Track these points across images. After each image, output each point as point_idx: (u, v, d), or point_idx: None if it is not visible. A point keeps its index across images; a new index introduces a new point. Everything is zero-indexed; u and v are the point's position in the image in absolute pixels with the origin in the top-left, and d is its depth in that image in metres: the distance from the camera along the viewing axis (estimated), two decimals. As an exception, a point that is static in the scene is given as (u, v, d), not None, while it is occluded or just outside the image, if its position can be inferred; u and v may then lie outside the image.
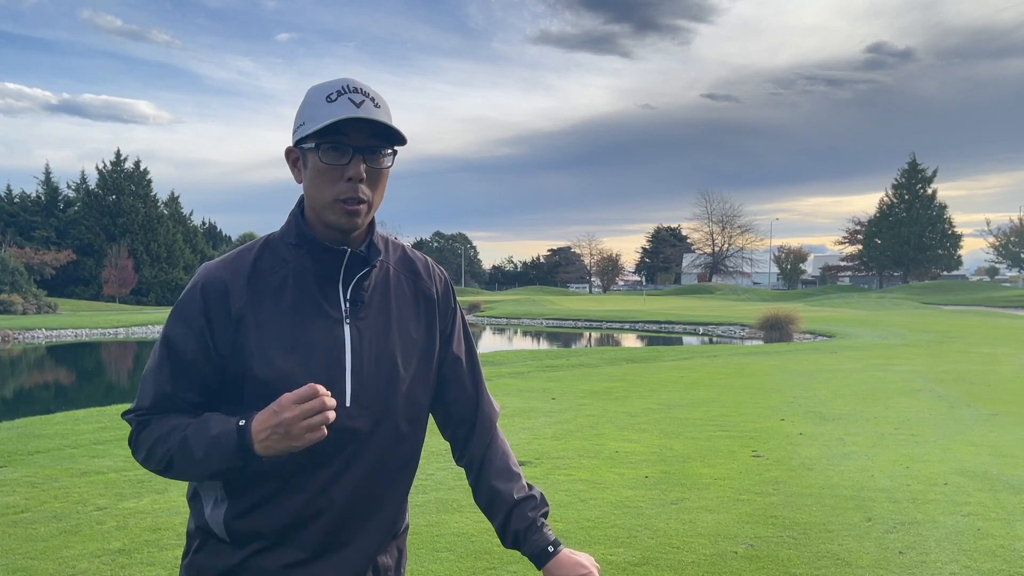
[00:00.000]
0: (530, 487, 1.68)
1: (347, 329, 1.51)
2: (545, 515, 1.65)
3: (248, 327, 1.47)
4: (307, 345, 1.48)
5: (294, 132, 1.51)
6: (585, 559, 1.60)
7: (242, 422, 1.39)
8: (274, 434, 1.36)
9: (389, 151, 1.50)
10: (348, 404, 1.49)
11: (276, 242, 1.56)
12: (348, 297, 1.53)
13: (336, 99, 1.44)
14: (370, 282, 1.56)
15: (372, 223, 1.57)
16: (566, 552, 1.60)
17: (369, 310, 1.55)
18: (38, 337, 30.20)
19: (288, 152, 1.54)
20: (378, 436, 1.53)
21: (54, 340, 30.07)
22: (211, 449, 1.40)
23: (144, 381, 1.51)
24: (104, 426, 8.08)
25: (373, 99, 1.47)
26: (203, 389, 1.50)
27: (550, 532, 1.63)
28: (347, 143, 1.44)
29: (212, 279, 1.50)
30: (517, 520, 1.62)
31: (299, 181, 1.53)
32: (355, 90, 1.46)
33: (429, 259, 1.72)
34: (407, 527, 1.71)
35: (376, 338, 1.54)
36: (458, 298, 1.77)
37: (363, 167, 1.46)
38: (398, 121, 1.49)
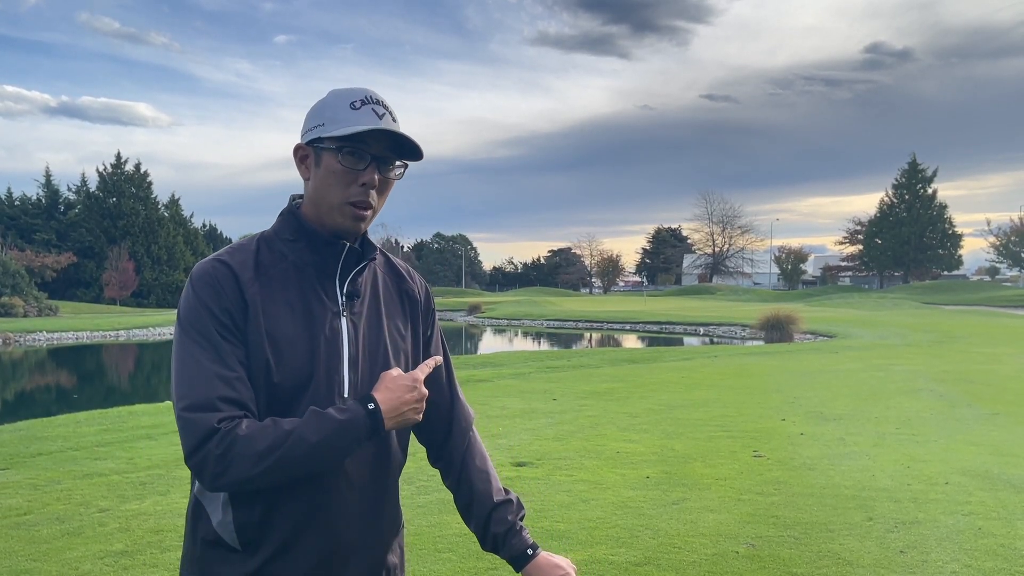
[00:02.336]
0: (507, 491, 1.72)
1: (344, 322, 1.55)
2: (522, 518, 1.70)
3: (257, 315, 1.48)
4: (309, 336, 1.51)
5: (308, 130, 1.53)
6: (563, 561, 1.64)
7: (371, 405, 1.45)
8: (410, 410, 1.49)
9: (401, 164, 1.56)
10: (346, 395, 1.51)
11: (271, 239, 1.58)
12: (344, 291, 1.57)
13: (360, 107, 1.49)
14: (363, 278, 1.61)
15: None
16: (544, 555, 1.65)
17: (363, 305, 1.59)
18: (39, 340, 30.22)
19: (297, 149, 1.57)
20: None
21: (55, 343, 30.09)
22: (341, 434, 1.42)
23: (186, 383, 1.42)
24: (106, 428, 8.09)
25: (391, 113, 1.53)
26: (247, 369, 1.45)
27: (528, 535, 1.67)
28: (366, 151, 1.50)
29: (220, 264, 1.50)
30: (496, 523, 1.66)
31: (306, 178, 1.56)
32: (377, 102, 1.52)
33: (408, 266, 1.78)
34: (404, 525, 1.74)
35: (369, 332, 1.58)
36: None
37: (377, 176, 1.51)
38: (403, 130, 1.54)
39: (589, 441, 7.43)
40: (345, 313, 1.55)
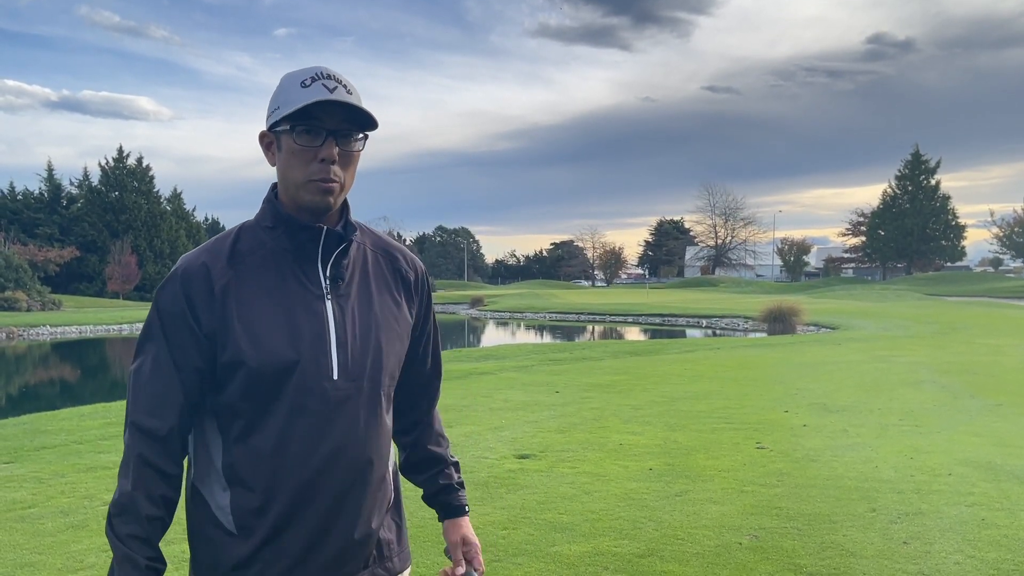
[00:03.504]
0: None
1: (329, 305, 1.56)
2: (462, 483, 1.89)
3: (231, 304, 1.50)
4: (291, 321, 1.52)
5: (268, 117, 1.56)
6: (476, 540, 1.84)
7: None
8: None
9: (361, 135, 1.55)
10: (336, 377, 1.53)
11: (252, 227, 1.60)
12: (328, 274, 1.57)
13: (310, 85, 1.49)
14: (348, 260, 1.60)
15: (346, 204, 1.62)
16: (468, 520, 1.86)
17: (350, 287, 1.60)
18: (43, 334, 30.27)
19: (262, 136, 1.59)
20: (364, 409, 1.57)
21: (59, 337, 30.14)
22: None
23: (135, 383, 1.56)
24: (110, 421, 8.11)
25: (345, 86, 1.52)
26: (194, 381, 1.53)
27: (465, 496, 1.88)
28: (321, 126, 1.49)
29: (191, 263, 1.54)
30: (447, 478, 1.84)
31: (273, 164, 1.58)
32: (328, 76, 1.51)
33: (404, 247, 1.78)
34: (398, 499, 1.75)
35: (358, 313, 1.58)
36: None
37: (336, 149, 1.51)
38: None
39: (592, 433, 7.43)
40: (330, 296, 1.56)
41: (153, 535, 1.50)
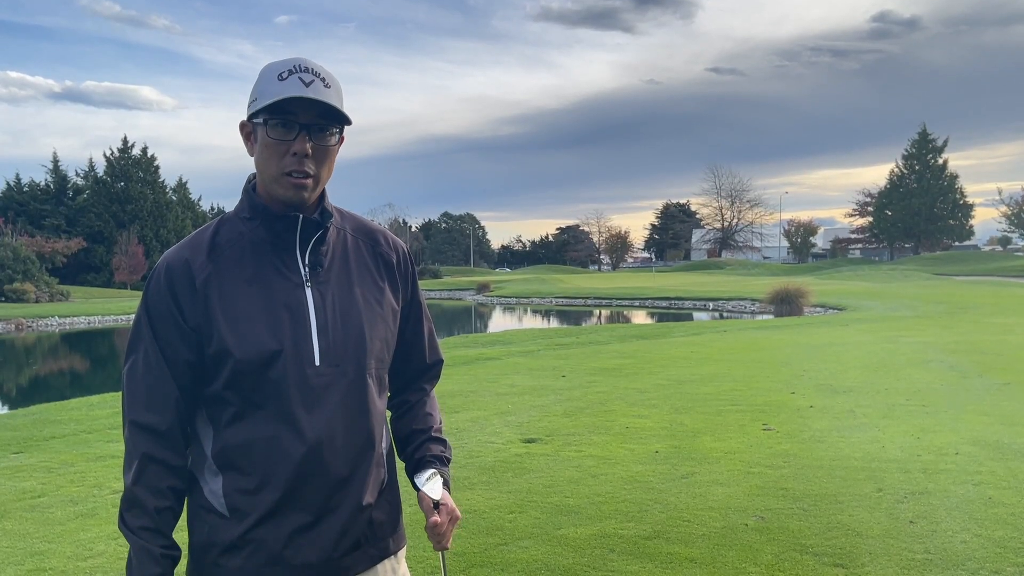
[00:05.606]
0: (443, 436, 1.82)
1: (309, 292, 1.57)
2: (448, 460, 1.77)
3: (213, 297, 1.53)
4: (272, 311, 1.53)
5: (248, 107, 1.56)
6: (446, 513, 1.65)
7: None
8: None
9: (335, 130, 1.55)
10: (318, 363, 1.54)
11: (231, 220, 1.62)
12: (307, 262, 1.59)
13: (287, 78, 1.50)
14: (327, 247, 1.62)
15: (323, 192, 1.63)
16: (447, 496, 1.70)
17: (330, 273, 1.61)
18: (51, 325, 30.41)
19: (242, 126, 1.60)
20: (351, 393, 1.58)
21: (67, 328, 30.27)
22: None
23: (130, 381, 1.56)
24: (118, 411, 8.11)
25: (324, 79, 1.52)
26: (186, 375, 1.54)
27: (448, 471, 1.75)
28: (294, 120, 1.50)
29: (173, 259, 1.57)
30: (427, 449, 1.74)
31: (251, 155, 1.59)
32: (306, 70, 1.52)
33: (386, 229, 1.79)
34: (393, 481, 1.74)
35: (339, 299, 1.60)
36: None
37: (309, 144, 1.52)
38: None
39: (598, 417, 7.44)
40: (310, 283, 1.58)
41: (164, 525, 1.54)
